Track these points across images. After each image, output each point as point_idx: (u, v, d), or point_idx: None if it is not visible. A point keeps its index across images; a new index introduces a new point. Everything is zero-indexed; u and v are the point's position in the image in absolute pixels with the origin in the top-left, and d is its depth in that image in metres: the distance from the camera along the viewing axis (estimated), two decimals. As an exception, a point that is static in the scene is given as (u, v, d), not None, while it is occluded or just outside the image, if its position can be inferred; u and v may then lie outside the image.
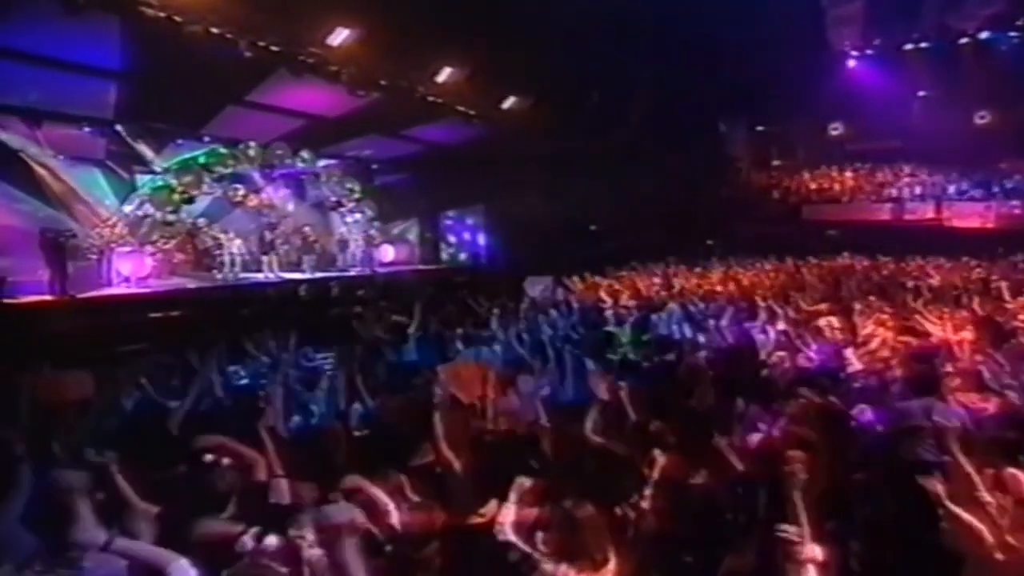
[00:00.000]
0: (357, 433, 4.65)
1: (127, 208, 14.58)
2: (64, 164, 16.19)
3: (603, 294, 12.31)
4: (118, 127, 15.49)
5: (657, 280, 15.10)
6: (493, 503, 3.28)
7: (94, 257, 13.95)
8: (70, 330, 10.02)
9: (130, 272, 13.40)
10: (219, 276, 15.31)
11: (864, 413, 5.77)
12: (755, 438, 4.56)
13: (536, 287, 12.92)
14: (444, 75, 15.82)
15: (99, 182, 16.39)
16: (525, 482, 3.27)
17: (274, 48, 12.63)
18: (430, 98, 16.65)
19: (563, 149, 20.18)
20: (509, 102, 18.37)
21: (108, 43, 11.56)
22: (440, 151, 20.82)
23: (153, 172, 16.08)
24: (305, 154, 17.28)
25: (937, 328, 7.98)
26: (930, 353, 6.21)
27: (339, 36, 12.97)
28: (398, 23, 13.38)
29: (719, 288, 13.29)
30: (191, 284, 14.29)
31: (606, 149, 20.76)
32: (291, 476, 3.67)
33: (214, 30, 11.69)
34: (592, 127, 20.11)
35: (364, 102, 15.91)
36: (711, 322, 8.96)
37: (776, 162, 28.67)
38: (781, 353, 7.46)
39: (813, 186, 26.32)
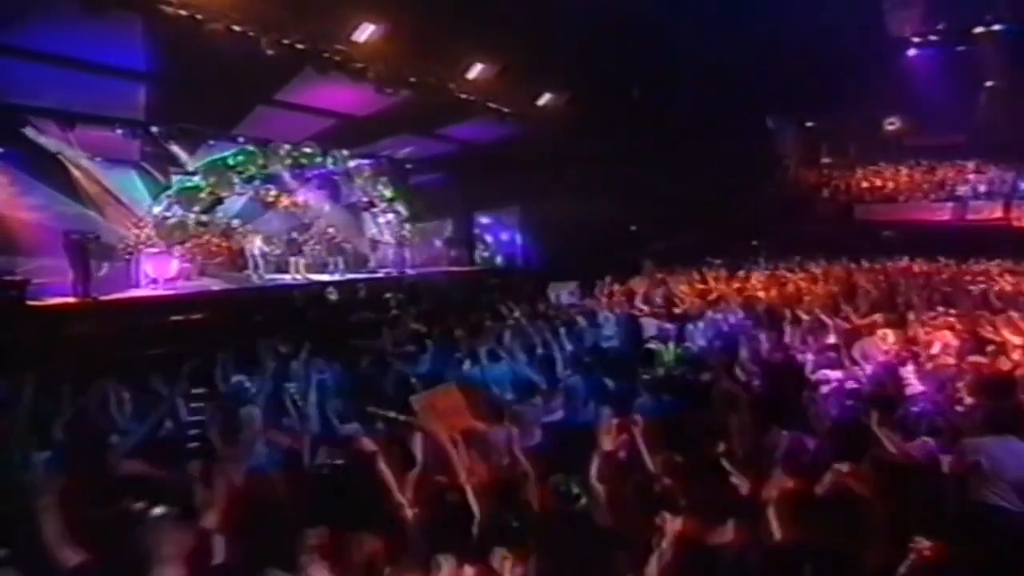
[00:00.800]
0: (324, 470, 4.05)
1: (156, 209, 14.40)
2: (101, 166, 16.27)
3: (639, 302, 11.54)
4: (153, 129, 15.44)
5: (697, 284, 14.18)
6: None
7: (128, 258, 13.94)
8: (83, 333, 9.78)
9: (157, 273, 13.24)
10: (249, 278, 15.01)
11: (927, 446, 4.96)
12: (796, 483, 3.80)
13: (562, 293, 11.92)
14: (475, 71, 15.23)
15: (136, 184, 16.37)
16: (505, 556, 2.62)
17: (298, 45, 12.18)
18: (462, 95, 16.05)
19: (602, 147, 19.48)
20: (544, 99, 17.67)
21: (132, 43, 11.33)
22: (474, 150, 20.26)
23: (187, 173, 16.01)
24: (336, 154, 16.91)
25: (1018, 339, 7.01)
26: (1008, 382, 5.29)
27: (365, 32, 12.49)
28: (425, 18, 12.84)
29: (761, 294, 12.32)
30: (215, 286, 14.02)
31: (647, 147, 19.86)
32: (241, 530, 3.09)
33: (236, 28, 11.33)
34: (632, 124, 19.22)
35: (395, 100, 15.46)
36: (752, 335, 8.11)
37: (826, 159, 27.18)
38: (830, 372, 6.64)
39: (866, 184, 24.84)
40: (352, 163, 18.00)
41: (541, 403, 5.14)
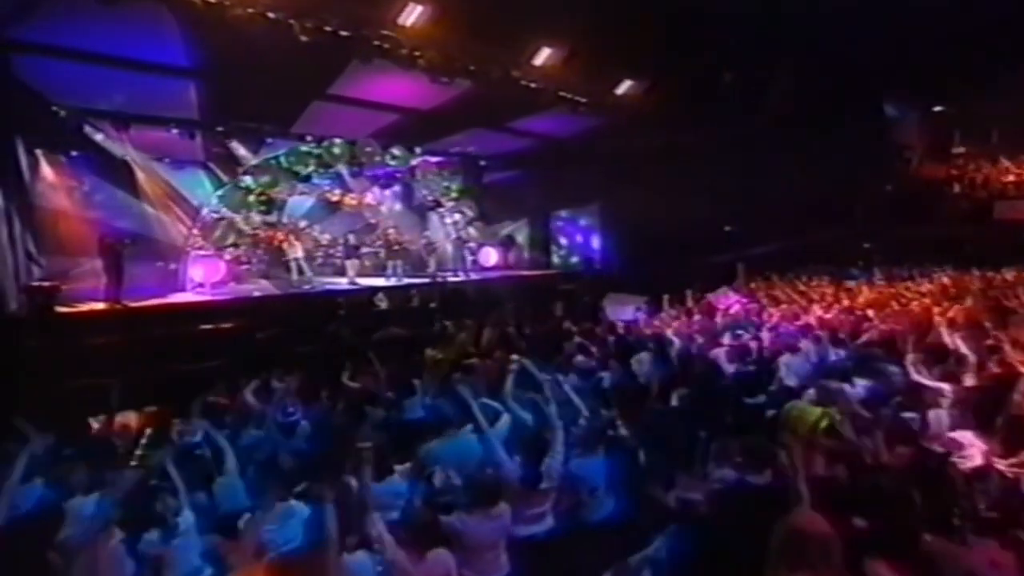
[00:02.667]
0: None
1: (204, 211, 13.71)
2: (168, 168, 15.97)
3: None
4: (219, 128, 14.86)
5: (794, 297, 11.83)
6: None
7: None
8: (97, 345, 9.00)
9: (203, 277, 12.50)
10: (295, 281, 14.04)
11: None
12: None
13: (621, 309, 9.83)
14: (542, 57, 13.51)
15: (204, 184, 15.94)
16: None
17: (341, 32, 10.94)
18: (530, 84, 14.35)
19: (690, 139, 17.28)
20: (624, 87, 15.64)
21: (167, 37, 10.51)
22: (550, 144, 18.59)
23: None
24: (396, 151, 15.71)
25: None
26: None
27: (412, 15, 11.10)
28: (479, -4, 11.31)
29: (870, 312, 9.75)
30: (259, 292, 13.13)
31: (741, 139, 17.35)
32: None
33: (271, 15, 10.22)
34: (725, 113, 16.78)
35: (459, 92, 14.04)
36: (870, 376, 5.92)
37: (959, 149, 23.28)
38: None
39: (1011, 178, 20.95)
40: (416, 160, 16.68)
41: (507, 511, 3.43)
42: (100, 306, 10.56)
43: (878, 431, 4.42)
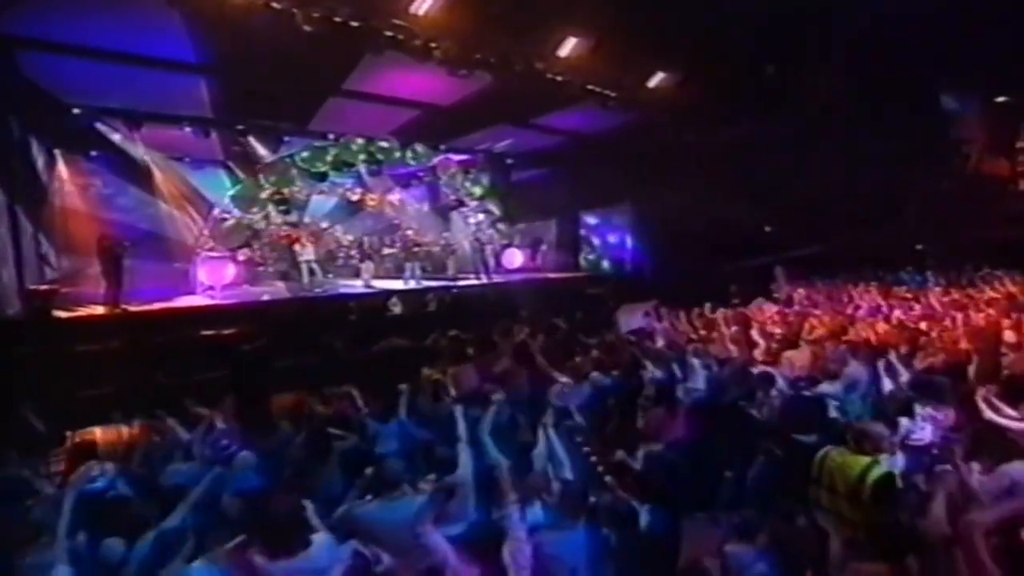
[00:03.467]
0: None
1: (216, 211, 13.27)
2: (189, 167, 15.70)
3: (755, 334, 8.49)
4: (234, 126, 14.46)
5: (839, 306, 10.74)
6: None
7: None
8: (89, 352, 8.55)
9: (213, 279, 12.01)
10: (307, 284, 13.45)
11: None
12: None
13: (635, 320, 8.87)
14: (568, 48, 12.66)
15: (224, 184, 15.62)
16: None
17: (351, 23, 10.31)
18: (556, 77, 13.51)
19: (728, 135, 16.20)
20: (656, 79, 14.65)
21: (170, 30, 10.05)
22: (580, 141, 17.79)
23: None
24: (418, 148, 15.04)
25: None
26: None
27: (424, 3, 10.40)
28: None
29: (923, 326, 8.63)
30: (267, 296, 12.62)
31: (783, 134, 16.10)
32: None
33: (275, 4, 9.64)
34: (766, 107, 15.69)
35: (481, 86, 13.35)
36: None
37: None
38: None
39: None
40: (437, 158, 16.00)
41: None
42: (98, 310, 10.12)
43: (943, 488, 3.51)
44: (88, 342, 9.10)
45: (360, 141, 14.20)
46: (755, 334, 8.47)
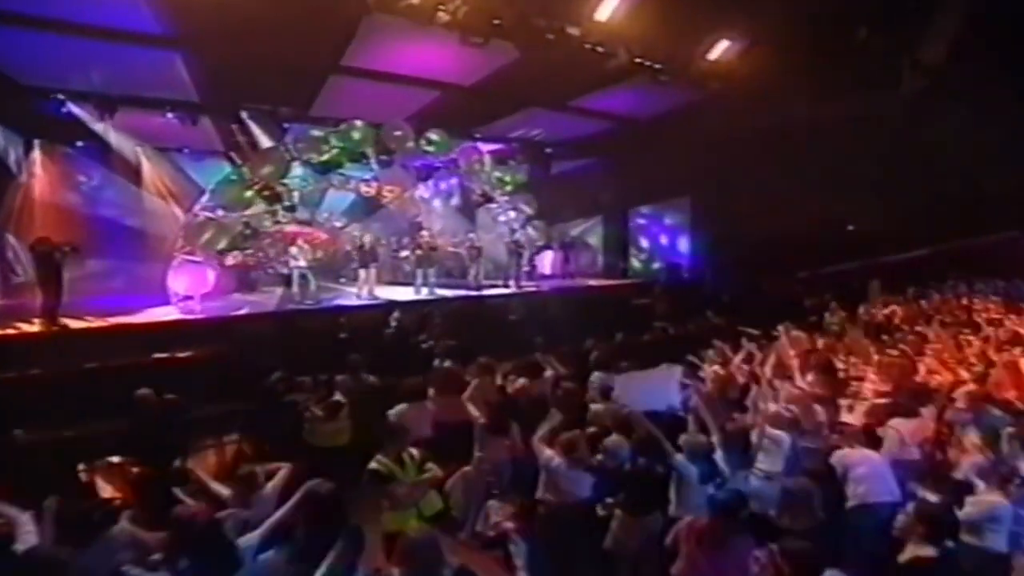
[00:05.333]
0: None
1: (196, 208, 11.77)
2: (188, 159, 14.46)
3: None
4: (223, 112, 13.02)
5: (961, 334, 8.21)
6: None
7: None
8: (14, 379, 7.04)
9: (187, 288, 10.50)
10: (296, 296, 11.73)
11: None
12: None
13: (645, 391, 6.26)
14: (608, 8, 10.57)
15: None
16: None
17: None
18: (596, 47, 11.41)
19: (806, 116, 13.69)
20: (718, 49, 12.32)
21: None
22: (628, 126, 15.82)
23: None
24: (434, 135, 13.22)
25: None
26: None
27: (422, -50, 8.50)
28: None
29: None
30: (247, 309, 11.01)
31: (877, 113, 13.47)
32: None
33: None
34: (856, 80, 12.89)
35: (507, 62, 11.54)
36: None
37: None
38: None
39: None
40: (460, 147, 14.13)
41: None
42: (34, 327, 8.68)
43: None
44: (15, 367, 7.62)
45: (364, 126, 12.42)
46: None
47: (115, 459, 5.65)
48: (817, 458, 4.97)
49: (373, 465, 4.55)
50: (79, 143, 12.55)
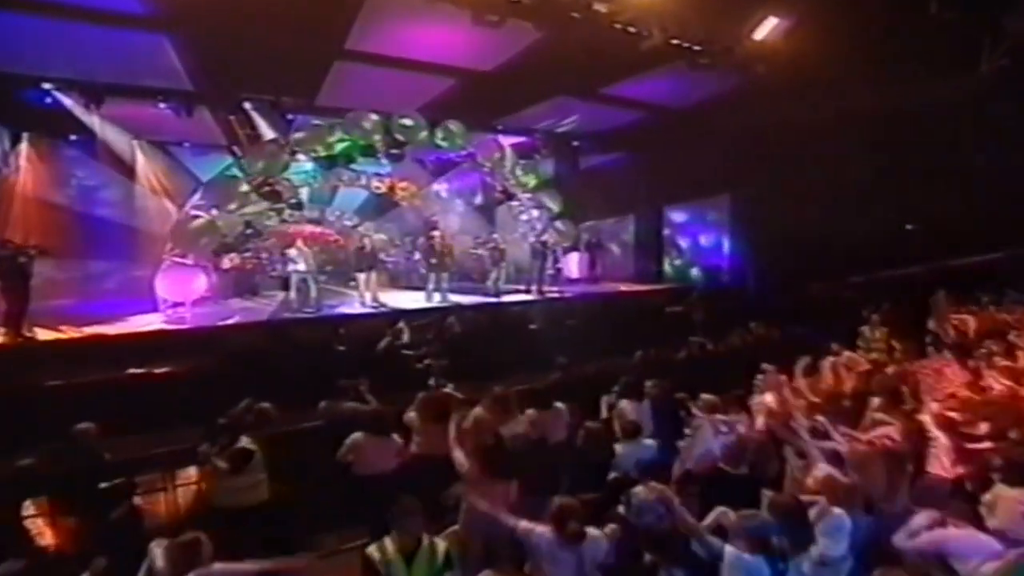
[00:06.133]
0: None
1: (187, 206, 11.04)
2: (190, 153, 13.83)
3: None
4: (246, 104, 12.33)
5: None
6: None
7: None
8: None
9: (176, 294, 9.76)
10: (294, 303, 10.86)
11: None
12: None
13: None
14: (636, -18, 9.50)
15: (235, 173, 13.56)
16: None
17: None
18: (626, 27, 10.35)
19: (864, 103, 12.45)
20: (765, 28, 11.11)
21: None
22: (663, 116, 14.73)
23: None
24: (452, 126, 12.29)
25: None
26: None
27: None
28: None
29: None
30: (237, 318, 10.20)
31: (950, 96, 12.05)
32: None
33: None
34: (924, 60, 11.45)
35: (529, 43, 10.63)
36: None
37: None
38: None
39: None
40: (478, 138, 13.20)
41: None
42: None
43: None
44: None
45: (372, 116, 11.54)
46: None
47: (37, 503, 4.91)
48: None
49: (369, 551, 3.63)
50: (72, 137, 12.01)
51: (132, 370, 7.83)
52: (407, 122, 11.70)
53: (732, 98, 13.05)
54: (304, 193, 14.10)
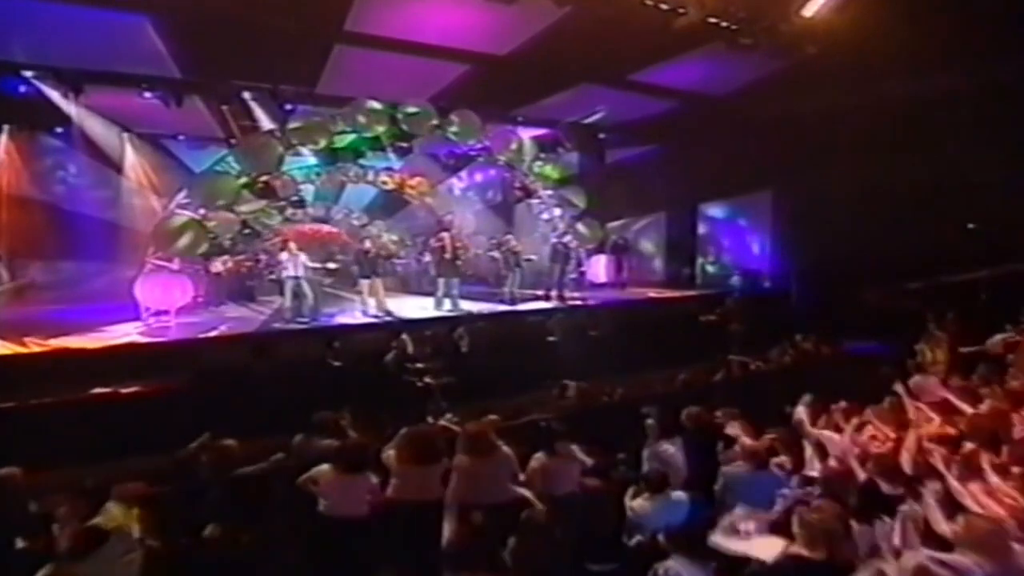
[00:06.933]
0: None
1: (171, 206, 10.33)
2: (187, 147, 13.21)
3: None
4: (245, 94, 11.66)
5: None
6: None
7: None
8: None
9: (158, 301, 9.08)
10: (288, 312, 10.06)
11: None
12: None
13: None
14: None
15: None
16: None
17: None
18: (662, 4, 9.46)
19: (925, 85, 11.54)
20: (816, 3, 10.09)
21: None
22: (701, 104, 13.79)
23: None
24: (464, 117, 11.49)
25: None
26: None
27: None
28: None
29: None
30: (223, 328, 9.46)
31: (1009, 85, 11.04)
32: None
33: None
34: (993, 38, 10.43)
35: (549, 24, 9.82)
36: None
37: None
38: None
39: None
40: (493, 131, 12.37)
41: None
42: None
43: None
44: None
45: (376, 105, 10.74)
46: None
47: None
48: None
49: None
50: (59, 129, 11.46)
51: (96, 390, 7.14)
52: (415, 112, 10.85)
53: (776, 83, 12.08)
54: (309, 190, 13.47)
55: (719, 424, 5.50)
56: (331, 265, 12.42)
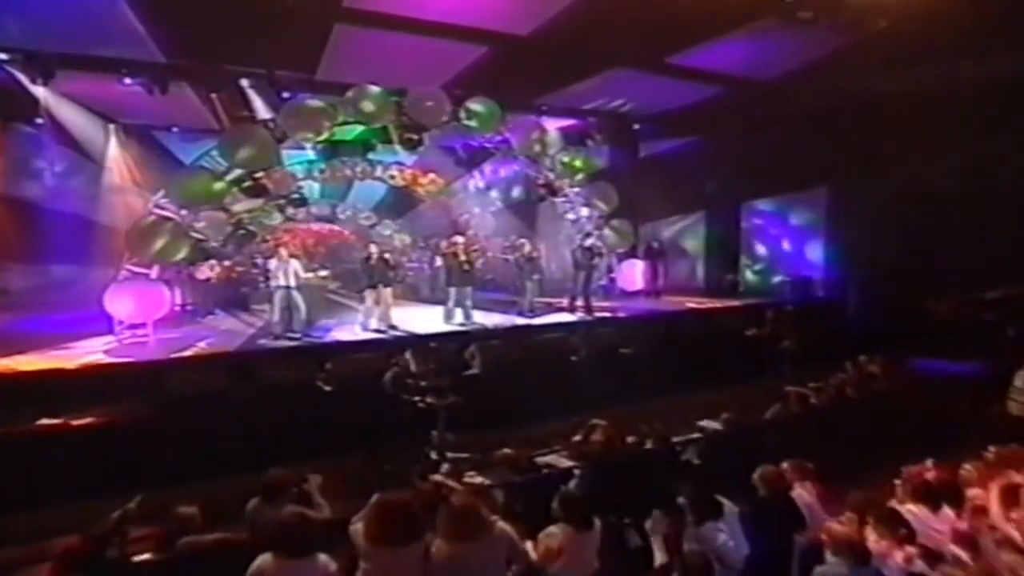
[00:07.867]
0: None
1: (149, 206, 9.54)
2: (180, 140, 12.52)
3: None
4: (243, 81, 10.95)
5: None
6: None
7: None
8: None
9: (131, 313, 8.28)
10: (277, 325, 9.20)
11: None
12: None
13: None
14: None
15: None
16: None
17: None
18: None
19: (999, 73, 10.71)
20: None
21: None
22: (745, 91, 12.92)
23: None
24: (477, 106, 10.54)
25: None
26: None
27: None
28: None
29: None
30: (204, 344, 8.63)
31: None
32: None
33: None
34: None
35: (575, 2, 9.02)
36: None
37: None
38: None
39: None
40: (513, 121, 11.46)
41: None
42: None
43: None
44: None
45: (381, 93, 9.84)
46: None
47: None
48: None
49: None
50: (37, 120, 10.80)
51: (42, 421, 6.33)
52: (427, 101, 9.96)
53: (836, 64, 11.09)
54: (315, 188, 12.71)
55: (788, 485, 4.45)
56: (323, 272, 11.62)
